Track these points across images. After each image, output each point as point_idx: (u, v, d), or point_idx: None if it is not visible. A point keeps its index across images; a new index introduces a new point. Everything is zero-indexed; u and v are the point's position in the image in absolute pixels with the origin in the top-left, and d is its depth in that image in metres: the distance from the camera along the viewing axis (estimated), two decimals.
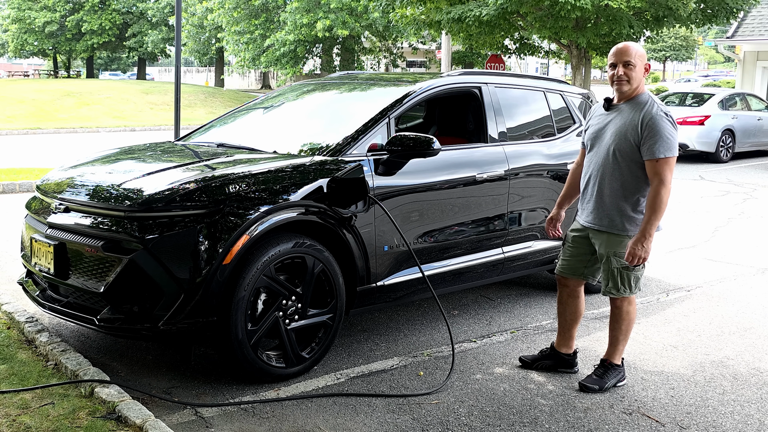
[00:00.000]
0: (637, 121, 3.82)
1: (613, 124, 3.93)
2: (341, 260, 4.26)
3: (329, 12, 29.98)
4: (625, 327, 4.08)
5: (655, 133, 3.77)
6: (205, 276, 3.74)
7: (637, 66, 3.87)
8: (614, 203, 3.92)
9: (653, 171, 3.80)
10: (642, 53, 3.89)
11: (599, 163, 3.97)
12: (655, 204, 3.77)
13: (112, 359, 4.34)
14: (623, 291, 3.99)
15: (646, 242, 3.77)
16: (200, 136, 5.43)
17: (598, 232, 4.00)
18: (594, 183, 4.00)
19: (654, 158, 3.78)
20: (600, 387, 4.03)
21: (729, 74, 58.21)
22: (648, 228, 3.78)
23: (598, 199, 3.98)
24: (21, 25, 45.11)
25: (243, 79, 54.98)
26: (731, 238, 8.32)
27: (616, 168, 3.90)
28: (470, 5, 18.08)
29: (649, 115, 3.80)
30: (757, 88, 22.45)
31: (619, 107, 3.96)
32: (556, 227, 4.35)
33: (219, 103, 30.74)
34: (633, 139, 3.83)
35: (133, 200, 3.87)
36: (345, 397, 3.90)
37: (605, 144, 3.94)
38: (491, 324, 5.19)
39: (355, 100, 5.35)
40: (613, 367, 4.11)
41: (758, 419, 3.79)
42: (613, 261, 3.95)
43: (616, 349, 4.12)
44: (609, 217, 3.94)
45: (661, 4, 17.14)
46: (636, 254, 3.79)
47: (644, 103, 3.86)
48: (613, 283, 3.99)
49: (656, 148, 3.77)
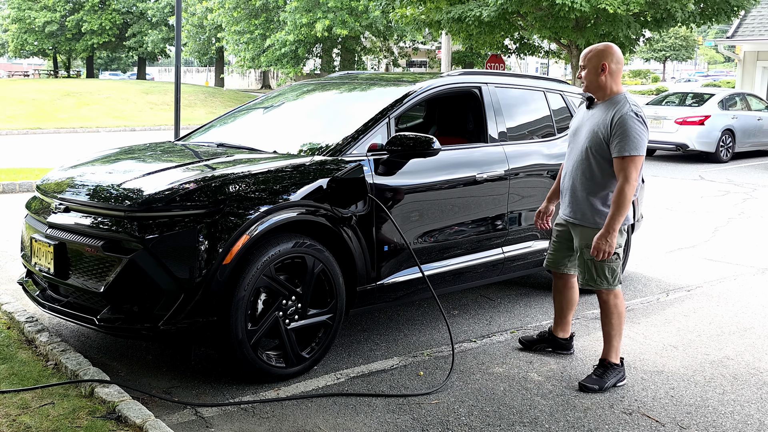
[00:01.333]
0: (609, 119, 3.95)
1: (589, 122, 4.08)
2: (341, 260, 4.26)
3: (328, 11, 29.97)
4: (615, 321, 4.13)
5: (624, 131, 3.88)
6: (205, 276, 3.74)
7: (587, 68, 4.03)
8: (585, 198, 4.07)
9: (619, 168, 3.90)
10: (594, 54, 4.03)
11: (575, 158, 4.13)
12: (619, 200, 3.88)
13: (112, 359, 4.34)
14: (600, 283, 4.08)
15: (610, 237, 3.89)
16: (200, 136, 5.43)
17: (574, 225, 4.17)
18: (570, 178, 4.16)
19: (620, 156, 3.89)
20: (600, 387, 4.04)
21: (729, 74, 58.21)
22: (612, 223, 3.88)
23: (572, 193, 4.14)
24: (21, 25, 45.12)
25: (243, 79, 55.00)
26: (731, 238, 8.32)
27: (588, 164, 4.04)
28: (470, 5, 18.09)
29: (619, 114, 3.92)
30: (757, 88, 22.45)
31: (597, 106, 4.11)
32: (544, 220, 4.52)
33: (219, 103, 30.74)
34: (604, 136, 3.96)
35: (133, 200, 3.87)
36: (345, 397, 3.90)
37: (581, 141, 4.10)
38: (491, 324, 5.19)
39: (355, 100, 5.35)
40: (612, 366, 4.13)
41: (758, 419, 3.79)
42: (585, 253, 4.09)
43: (611, 346, 4.16)
44: (581, 210, 4.10)
45: (659, 5, 17.15)
46: (600, 248, 3.91)
47: (618, 102, 3.98)
48: (588, 275, 4.11)
49: (623, 146, 3.88)
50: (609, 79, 4.02)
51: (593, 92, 4.09)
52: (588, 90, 4.11)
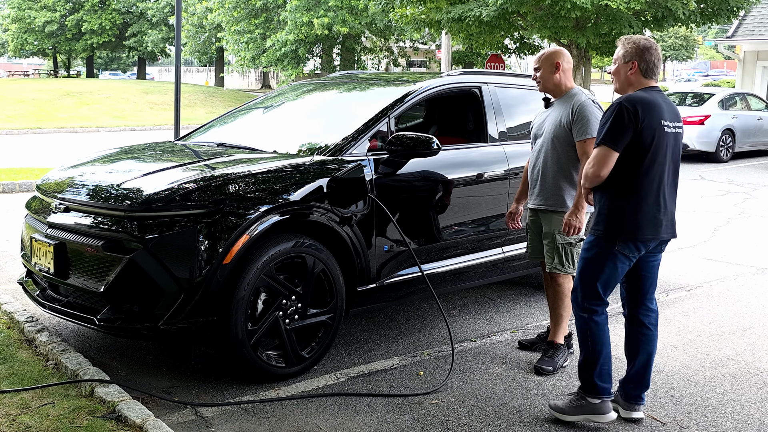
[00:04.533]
0: (569, 109, 4.26)
1: (550, 118, 4.38)
2: (341, 260, 4.26)
3: (328, 10, 29.97)
4: (568, 303, 4.36)
5: (583, 116, 4.19)
6: (205, 276, 3.74)
7: (542, 68, 4.35)
8: (556, 183, 4.31)
9: (582, 150, 4.17)
10: (547, 56, 4.35)
11: (542, 151, 4.37)
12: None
13: (112, 359, 4.34)
14: (567, 267, 4.33)
15: (579, 213, 4.08)
16: (200, 136, 5.43)
17: (544, 212, 4.38)
18: (539, 169, 4.39)
19: (582, 139, 4.17)
20: (553, 368, 4.31)
21: (729, 74, 58.20)
22: (580, 201, 4.06)
23: (542, 182, 4.37)
24: (21, 24, 45.09)
25: (243, 79, 54.97)
26: (731, 237, 8.32)
27: (554, 153, 4.30)
28: (470, 5, 18.08)
29: (578, 102, 4.25)
30: (757, 88, 22.44)
31: (555, 102, 4.41)
32: (515, 220, 4.70)
33: (219, 103, 30.73)
34: (566, 124, 4.25)
35: (133, 200, 3.87)
36: (345, 397, 3.90)
37: (546, 134, 4.36)
38: (491, 324, 5.19)
39: (355, 100, 5.35)
40: (560, 347, 4.41)
41: (758, 419, 3.79)
42: (557, 238, 4.31)
43: (560, 327, 4.43)
44: (553, 197, 4.33)
45: (660, 4, 17.15)
46: (571, 224, 4.11)
47: (575, 95, 4.32)
48: (558, 259, 4.32)
49: (584, 129, 4.17)
50: (563, 76, 4.35)
51: (550, 90, 4.39)
52: (545, 89, 4.40)
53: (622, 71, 3.61)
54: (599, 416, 3.61)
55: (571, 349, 4.57)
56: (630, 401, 3.71)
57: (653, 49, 3.58)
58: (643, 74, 3.57)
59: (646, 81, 3.58)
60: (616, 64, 3.64)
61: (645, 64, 3.56)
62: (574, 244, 4.30)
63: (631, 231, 3.50)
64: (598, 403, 3.62)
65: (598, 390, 3.62)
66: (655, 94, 3.55)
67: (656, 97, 3.52)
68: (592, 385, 3.63)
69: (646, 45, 3.57)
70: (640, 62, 3.55)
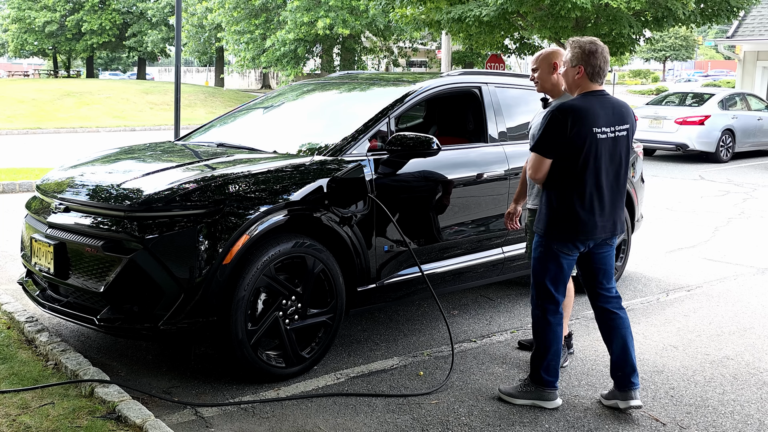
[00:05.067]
0: None
1: None
2: (341, 260, 4.26)
3: (329, 11, 29.98)
4: (567, 303, 4.37)
5: None
6: (205, 276, 3.74)
7: (540, 69, 4.28)
8: None
9: None
10: (545, 56, 4.28)
11: None
12: None
13: (112, 359, 4.34)
14: None
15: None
16: (200, 136, 5.43)
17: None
18: None
19: None
20: None
21: (730, 74, 58.19)
22: None
23: None
24: (21, 24, 45.12)
25: (243, 79, 54.98)
26: (731, 238, 8.32)
27: None
28: (470, 5, 18.08)
29: None
30: (757, 88, 22.44)
31: (552, 104, 4.33)
32: (513, 221, 4.66)
33: (219, 103, 30.74)
34: None
35: (133, 200, 3.87)
36: (345, 397, 3.90)
37: None
38: (491, 324, 5.19)
39: (355, 100, 5.35)
40: None
41: (758, 419, 3.79)
42: None
43: None
44: None
45: (660, 4, 17.15)
46: None
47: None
48: None
49: None
50: (560, 77, 4.24)
51: (548, 91, 4.34)
52: (543, 89, 4.35)
53: (569, 74, 3.75)
54: (546, 402, 3.83)
55: (571, 349, 4.57)
56: (624, 389, 3.82)
57: (599, 53, 3.68)
58: (590, 78, 3.69)
59: (592, 84, 3.70)
60: (565, 67, 3.77)
61: (591, 69, 3.68)
62: None
63: (564, 232, 3.70)
64: (544, 391, 3.84)
65: (544, 382, 3.83)
66: (593, 99, 3.66)
67: (593, 104, 3.64)
68: (539, 377, 3.84)
69: (592, 49, 3.67)
70: (587, 66, 3.67)
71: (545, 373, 3.82)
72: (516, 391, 3.89)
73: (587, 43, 3.68)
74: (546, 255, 3.76)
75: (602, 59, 3.67)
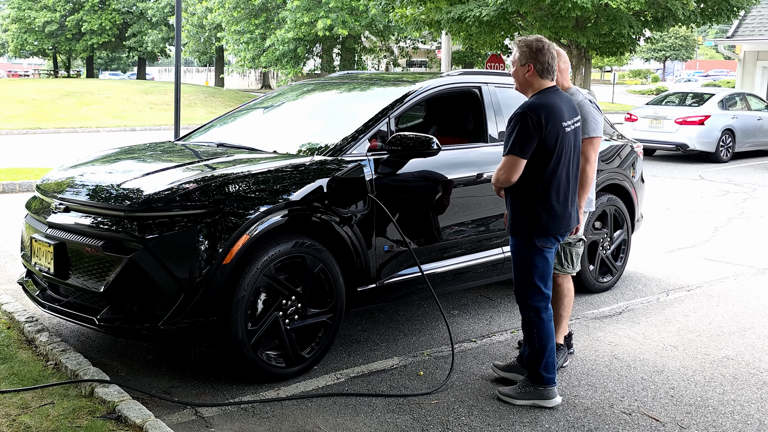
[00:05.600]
0: None
1: None
2: (341, 260, 4.26)
3: (329, 11, 29.98)
4: (567, 303, 4.41)
5: (582, 116, 4.16)
6: (205, 276, 3.74)
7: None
8: None
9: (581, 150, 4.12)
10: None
11: None
12: (582, 179, 4.15)
13: (112, 359, 4.35)
14: (567, 267, 4.34)
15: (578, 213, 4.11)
16: (200, 136, 5.43)
17: None
18: None
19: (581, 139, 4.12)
20: None
21: (729, 74, 58.19)
22: (580, 202, 4.14)
23: None
24: (21, 24, 45.12)
25: (243, 79, 54.98)
26: (731, 238, 8.32)
27: None
28: (470, 5, 18.08)
29: (576, 101, 4.19)
30: (757, 88, 22.44)
31: None
32: None
33: (219, 103, 30.73)
34: None
35: (133, 200, 3.87)
36: (345, 397, 3.90)
37: None
38: (491, 324, 5.19)
39: (355, 100, 5.35)
40: (560, 347, 4.38)
41: (758, 419, 3.79)
42: None
43: (560, 327, 4.42)
44: None
45: (660, 4, 17.15)
46: None
47: (571, 95, 4.23)
48: (557, 259, 4.30)
49: (583, 129, 4.15)
50: (560, 76, 4.30)
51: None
52: None
53: (519, 73, 3.80)
54: (546, 401, 3.83)
55: (571, 349, 4.57)
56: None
57: (546, 50, 3.74)
58: (540, 75, 3.75)
59: (544, 81, 3.76)
60: (514, 67, 3.82)
61: (540, 66, 3.74)
62: (573, 244, 4.32)
63: (545, 227, 3.75)
64: (544, 390, 3.84)
65: (544, 381, 3.84)
66: (553, 95, 3.73)
67: (555, 100, 3.72)
68: (538, 377, 3.85)
69: (539, 47, 3.74)
70: (536, 64, 3.74)
71: (545, 372, 3.83)
72: (515, 392, 3.89)
73: (534, 41, 3.76)
74: (531, 253, 3.79)
75: (550, 55, 3.74)
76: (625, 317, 5.36)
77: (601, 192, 5.75)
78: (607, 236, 5.91)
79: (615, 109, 33.22)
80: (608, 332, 5.02)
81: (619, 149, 6.06)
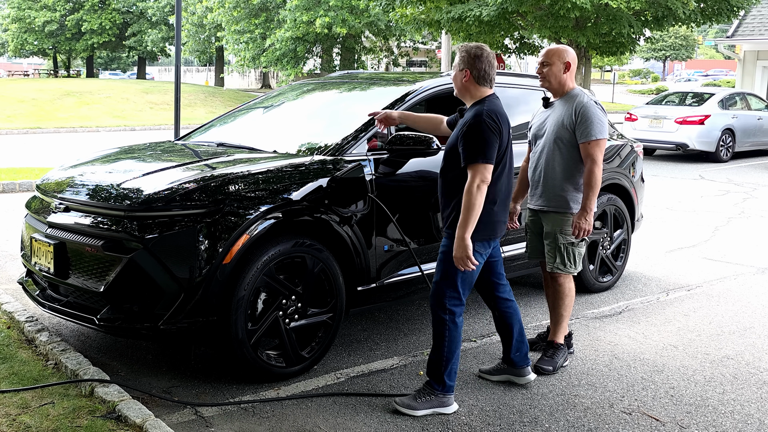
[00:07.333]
0: (571, 110, 4.26)
1: (551, 118, 4.36)
2: (341, 260, 4.26)
3: (329, 10, 29.98)
4: (568, 303, 4.43)
5: (586, 118, 4.20)
6: (205, 275, 3.74)
7: (554, 64, 4.29)
8: (560, 185, 4.31)
9: (586, 152, 4.21)
10: (560, 53, 4.30)
11: (545, 152, 4.35)
12: (590, 181, 4.19)
13: (112, 359, 4.35)
14: (569, 267, 4.35)
15: (588, 216, 4.19)
16: (200, 136, 5.43)
17: (546, 213, 4.38)
18: (541, 170, 4.38)
19: (586, 141, 4.20)
20: (553, 367, 4.29)
21: (729, 74, 58.19)
22: (587, 203, 4.19)
23: (545, 183, 4.36)
24: (21, 24, 45.11)
25: (243, 79, 54.98)
26: (731, 237, 8.32)
27: (558, 154, 4.30)
28: (470, 5, 18.09)
29: (581, 103, 4.24)
30: (757, 87, 22.44)
31: (555, 103, 4.40)
32: (513, 220, 4.64)
33: (219, 103, 30.73)
34: (569, 125, 4.25)
35: (133, 200, 3.87)
36: (345, 397, 3.90)
37: (548, 135, 4.35)
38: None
39: (356, 100, 5.35)
40: (560, 347, 4.40)
41: (758, 419, 3.79)
42: (559, 238, 4.32)
43: (560, 327, 4.43)
44: (556, 198, 4.32)
45: (660, 4, 17.16)
46: (581, 227, 4.20)
47: (576, 96, 4.30)
48: (560, 259, 4.33)
49: (588, 131, 4.19)
50: (569, 76, 4.33)
51: (554, 89, 4.35)
52: (549, 86, 4.35)
53: (458, 78, 3.83)
54: (446, 408, 3.76)
55: (571, 348, 4.57)
56: (519, 366, 4.07)
57: (484, 57, 3.77)
58: (476, 81, 3.78)
59: (483, 89, 3.78)
60: (454, 72, 3.85)
61: (477, 72, 3.76)
62: (576, 244, 4.32)
63: (488, 232, 3.75)
64: (444, 396, 3.77)
65: (446, 388, 3.77)
66: (498, 103, 3.77)
67: (501, 107, 3.77)
68: (441, 383, 3.76)
69: (477, 53, 3.76)
70: (472, 70, 3.76)
71: (449, 378, 3.74)
72: (415, 402, 3.72)
73: (473, 47, 3.79)
74: None
75: (487, 63, 3.76)
76: (625, 317, 5.36)
77: (601, 191, 5.74)
78: (607, 236, 5.91)
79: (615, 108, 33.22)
80: (608, 332, 5.02)
81: (619, 149, 6.06)
